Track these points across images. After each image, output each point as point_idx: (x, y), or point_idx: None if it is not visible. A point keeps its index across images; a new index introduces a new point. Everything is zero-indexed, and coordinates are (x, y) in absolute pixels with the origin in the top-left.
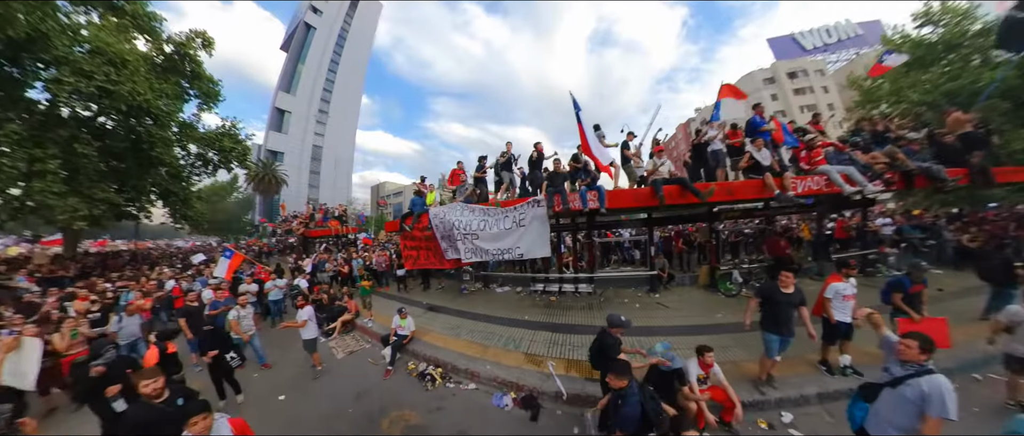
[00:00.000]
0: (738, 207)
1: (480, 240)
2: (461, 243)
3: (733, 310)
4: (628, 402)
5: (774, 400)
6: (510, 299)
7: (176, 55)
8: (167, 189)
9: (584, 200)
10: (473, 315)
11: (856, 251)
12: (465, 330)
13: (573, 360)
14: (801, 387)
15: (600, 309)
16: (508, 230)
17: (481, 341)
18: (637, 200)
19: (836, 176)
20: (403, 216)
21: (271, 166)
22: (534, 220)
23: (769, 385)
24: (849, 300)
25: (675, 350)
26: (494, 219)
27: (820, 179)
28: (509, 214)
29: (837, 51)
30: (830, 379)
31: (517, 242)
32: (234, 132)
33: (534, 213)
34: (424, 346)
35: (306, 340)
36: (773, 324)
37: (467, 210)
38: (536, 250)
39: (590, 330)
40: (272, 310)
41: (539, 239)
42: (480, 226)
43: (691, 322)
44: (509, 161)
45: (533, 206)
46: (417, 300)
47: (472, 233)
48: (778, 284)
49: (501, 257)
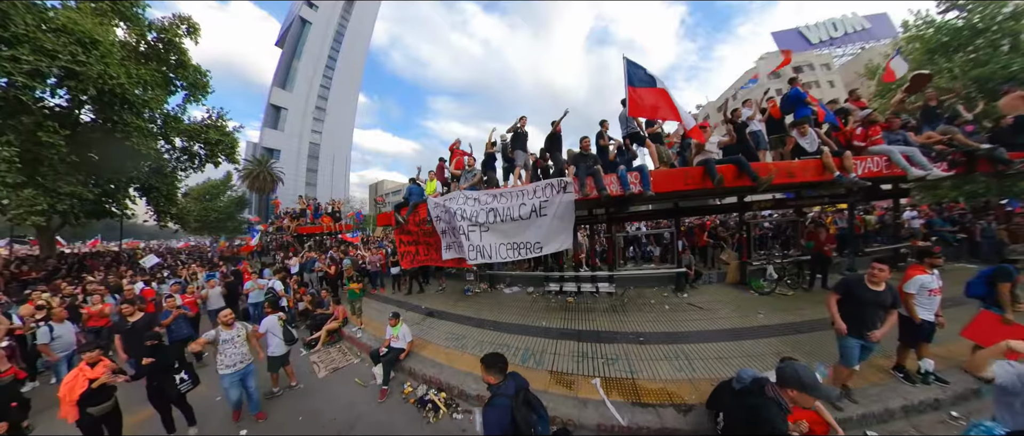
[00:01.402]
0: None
1: (491, 234)
2: (466, 238)
3: (775, 310)
4: (493, 403)
5: (856, 417)
6: (521, 301)
7: (159, 43)
8: (148, 184)
9: (624, 183)
10: (480, 322)
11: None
12: (472, 341)
13: (612, 378)
14: (884, 400)
15: (625, 312)
16: (526, 220)
17: None
18: (688, 182)
19: (898, 156)
20: (397, 206)
21: (265, 163)
22: (559, 208)
23: (848, 398)
24: (935, 294)
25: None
26: (508, 204)
27: (880, 160)
28: (527, 199)
29: (843, 45)
30: (912, 389)
31: (536, 235)
32: (221, 124)
33: (560, 200)
34: (423, 362)
35: (270, 358)
36: (855, 326)
37: (473, 198)
38: (556, 243)
39: (623, 338)
40: (251, 315)
41: (561, 230)
42: (489, 216)
43: (732, 325)
44: (523, 137)
45: (559, 190)
46: (415, 303)
47: (481, 225)
48: (865, 279)
49: (515, 257)
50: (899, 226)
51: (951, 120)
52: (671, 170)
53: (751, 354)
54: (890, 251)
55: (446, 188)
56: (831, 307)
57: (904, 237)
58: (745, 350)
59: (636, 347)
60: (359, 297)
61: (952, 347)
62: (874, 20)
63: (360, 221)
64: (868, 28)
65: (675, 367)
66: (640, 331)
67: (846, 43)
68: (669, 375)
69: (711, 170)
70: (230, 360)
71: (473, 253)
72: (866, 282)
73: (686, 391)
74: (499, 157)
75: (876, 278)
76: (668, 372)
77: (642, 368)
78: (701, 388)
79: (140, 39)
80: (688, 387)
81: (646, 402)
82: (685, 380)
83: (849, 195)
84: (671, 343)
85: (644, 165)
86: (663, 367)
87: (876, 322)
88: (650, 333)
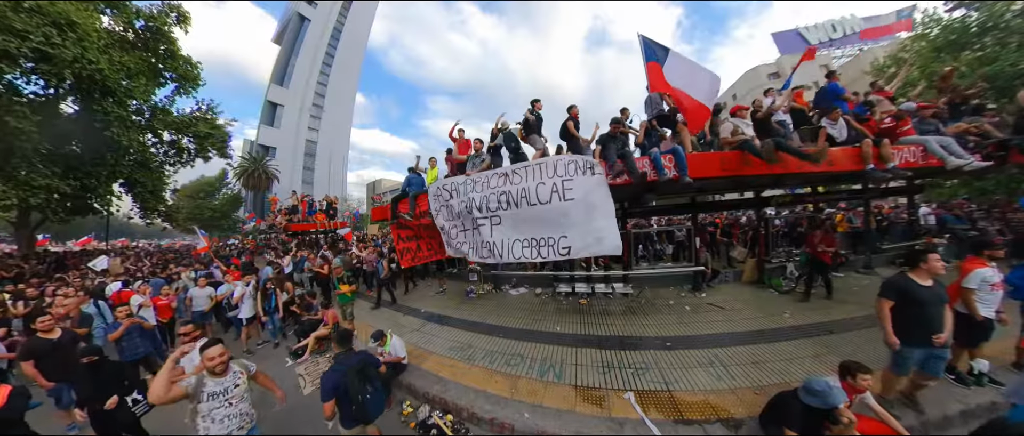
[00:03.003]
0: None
1: (504, 226)
2: (470, 232)
3: (801, 309)
4: (333, 369)
5: (918, 425)
6: (530, 304)
7: (147, 32)
8: (132, 178)
9: (659, 166)
10: (488, 328)
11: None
12: (479, 351)
13: (646, 392)
14: (942, 405)
15: (644, 314)
16: (545, 205)
17: (505, 369)
18: (725, 167)
19: (935, 146)
20: (395, 199)
21: (261, 160)
22: (590, 192)
23: (912, 405)
24: (997, 289)
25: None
26: (524, 184)
27: (917, 150)
28: (546, 177)
29: (842, 46)
30: (967, 391)
31: (561, 229)
32: (211, 116)
33: (589, 181)
34: (425, 377)
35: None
36: (915, 332)
37: (481, 181)
38: (590, 240)
39: (649, 343)
40: (234, 322)
41: (596, 222)
42: (500, 201)
43: (759, 326)
44: (540, 121)
45: (584, 169)
46: (413, 306)
47: (491, 215)
48: (914, 277)
49: (533, 257)
50: (914, 223)
51: (977, 113)
52: (706, 154)
53: (788, 357)
54: (907, 248)
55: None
56: (884, 316)
57: (919, 234)
58: (780, 353)
59: (665, 353)
60: (351, 301)
61: (997, 345)
62: (871, 22)
63: (358, 220)
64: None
65: (712, 375)
66: (666, 335)
67: (845, 44)
68: (708, 384)
69: (753, 149)
70: (222, 427)
71: (483, 251)
72: (918, 279)
73: (731, 403)
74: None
75: (934, 271)
76: (706, 381)
77: (676, 377)
78: (746, 398)
79: (127, 27)
80: (732, 398)
81: (689, 418)
82: (727, 390)
83: (865, 191)
84: (701, 347)
85: (678, 147)
86: (699, 375)
87: (940, 324)
88: (676, 337)
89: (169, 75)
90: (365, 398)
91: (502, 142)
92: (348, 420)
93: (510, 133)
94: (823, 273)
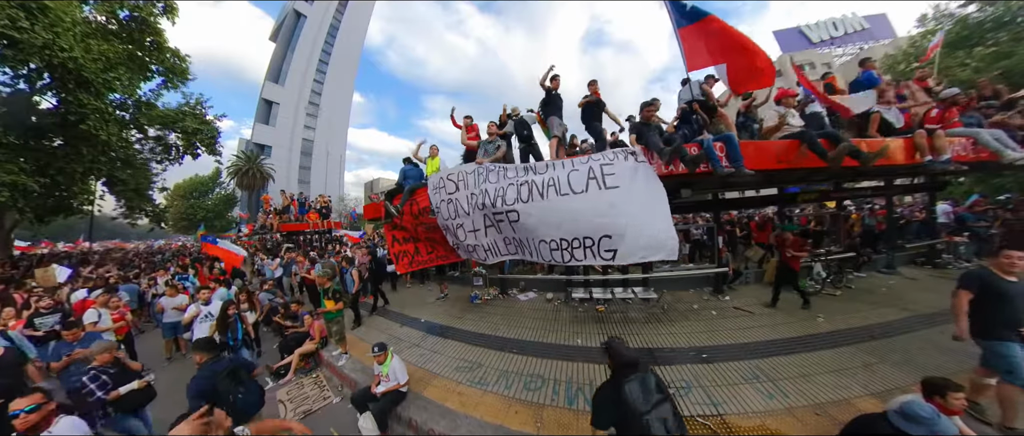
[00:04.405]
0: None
1: (522, 222)
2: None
3: (834, 313)
4: (198, 375)
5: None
6: (542, 311)
7: (132, 22)
8: (112, 175)
9: (713, 157)
10: (499, 342)
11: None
12: (492, 371)
13: (694, 418)
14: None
15: (670, 321)
16: (581, 195)
17: (525, 395)
18: (780, 159)
19: (988, 137)
20: (389, 193)
21: (255, 159)
22: (637, 178)
23: (980, 418)
24: None
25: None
26: (553, 174)
27: (967, 143)
28: (580, 164)
29: (844, 45)
30: None
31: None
32: (199, 111)
33: (634, 168)
34: (428, 408)
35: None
36: (1004, 325)
37: (498, 170)
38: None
39: (682, 356)
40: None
41: (654, 221)
42: (521, 191)
43: (795, 333)
44: (558, 101)
45: (625, 155)
46: (413, 316)
47: (508, 209)
48: (995, 270)
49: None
50: (933, 221)
51: (1009, 107)
52: (762, 143)
53: (836, 368)
54: (927, 247)
55: None
56: (961, 307)
57: (937, 232)
58: (826, 363)
59: (703, 367)
60: (337, 317)
61: None
62: (873, 20)
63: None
64: (867, 28)
65: (761, 392)
66: (699, 345)
67: (846, 43)
68: (760, 405)
69: (813, 143)
70: None
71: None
72: (1000, 273)
73: (791, 427)
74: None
75: (1015, 267)
76: (756, 401)
77: (723, 397)
78: (806, 420)
79: (110, 17)
80: (791, 421)
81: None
82: (782, 410)
83: (888, 188)
84: (740, 359)
85: (731, 135)
86: (747, 394)
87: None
88: (711, 347)
89: (156, 68)
90: (237, 398)
91: (512, 129)
92: None
93: (522, 119)
94: (793, 281)
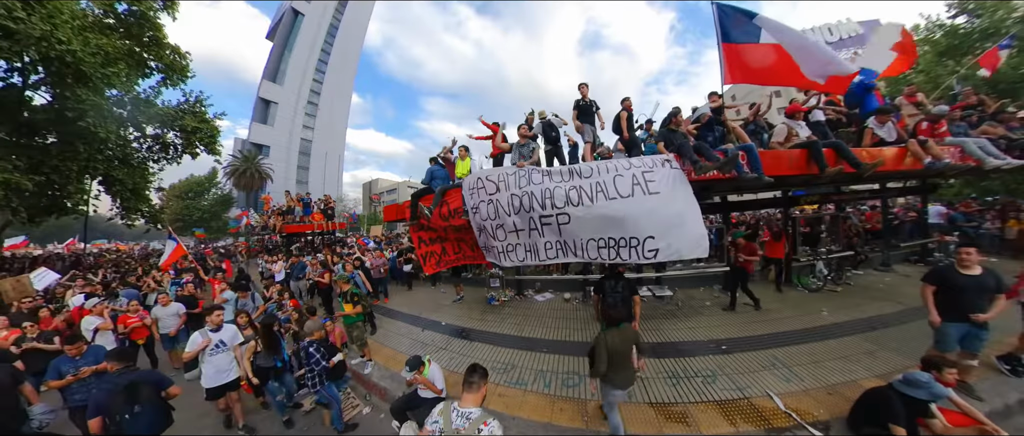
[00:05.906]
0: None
1: (572, 224)
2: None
3: (837, 307)
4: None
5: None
6: (561, 311)
7: (131, 16)
8: (109, 175)
9: (738, 163)
10: (526, 342)
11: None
12: (528, 371)
13: (727, 402)
14: (1003, 394)
15: (686, 317)
16: (627, 200)
17: (565, 392)
18: (792, 166)
19: (973, 146)
20: (417, 194)
21: (253, 159)
22: (675, 184)
23: (970, 394)
24: None
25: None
26: (600, 178)
27: (955, 151)
28: (624, 170)
29: (839, 50)
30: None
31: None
32: (199, 109)
33: (671, 175)
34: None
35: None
36: (955, 313)
37: (543, 172)
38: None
39: (703, 348)
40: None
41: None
42: (571, 195)
43: (803, 325)
44: (591, 108)
45: (661, 163)
46: (432, 318)
47: (558, 209)
48: (956, 264)
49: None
50: (924, 221)
51: (994, 117)
52: (776, 151)
53: (843, 355)
54: (920, 246)
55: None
56: (927, 298)
57: (929, 233)
58: (833, 351)
59: (723, 358)
60: (357, 321)
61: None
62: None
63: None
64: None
65: (779, 377)
66: (718, 338)
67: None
68: (780, 387)
69: (818, 153)
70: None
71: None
72: (958, 268)
73: (809, 405)
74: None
75: (966, 262)
76: (776, 384)
77: (746, 383)
78: (820, 398)
79: (108, 10)
80: (809, 400)
81: (780, 426)
82: (800, 392)
83: (884, 190)
84: (756, 348)
85: (752, 146)
86: (767, 379)
87: (982, 307)
88: (728, 339)
89: (155, 65)
90: (124, 419)
91: (538, 131)
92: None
93: (549, 122)
94: (744, 284)
